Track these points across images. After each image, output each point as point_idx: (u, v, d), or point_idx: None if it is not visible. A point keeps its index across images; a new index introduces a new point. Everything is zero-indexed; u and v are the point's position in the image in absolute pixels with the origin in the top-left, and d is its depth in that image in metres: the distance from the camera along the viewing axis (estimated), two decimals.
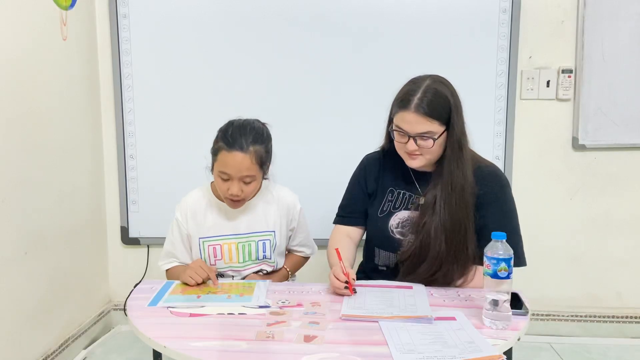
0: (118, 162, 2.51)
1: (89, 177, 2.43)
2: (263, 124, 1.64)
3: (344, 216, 1.72)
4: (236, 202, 1.60)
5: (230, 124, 1.59)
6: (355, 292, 1.43)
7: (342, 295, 1.42)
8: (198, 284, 1.50)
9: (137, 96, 2.46)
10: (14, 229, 1.89)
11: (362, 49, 2.38)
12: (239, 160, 1.52)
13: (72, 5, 2.21)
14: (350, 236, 1.69)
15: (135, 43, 2.42)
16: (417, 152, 1.49)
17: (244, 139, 1.53)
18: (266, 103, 2.34)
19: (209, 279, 1.52)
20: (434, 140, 1.46)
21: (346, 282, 1.42)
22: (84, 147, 2.37)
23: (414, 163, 1.52)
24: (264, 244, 1.68)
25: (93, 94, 2.44)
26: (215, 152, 1.57)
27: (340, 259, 1.47)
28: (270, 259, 1.70)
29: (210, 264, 1.66)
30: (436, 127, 1.46)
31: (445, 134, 1.48)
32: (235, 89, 2.40)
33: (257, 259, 1.68)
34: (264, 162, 1.58)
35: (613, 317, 2.52)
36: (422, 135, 1.46)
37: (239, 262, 1.68)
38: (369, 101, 2.37)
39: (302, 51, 2.39)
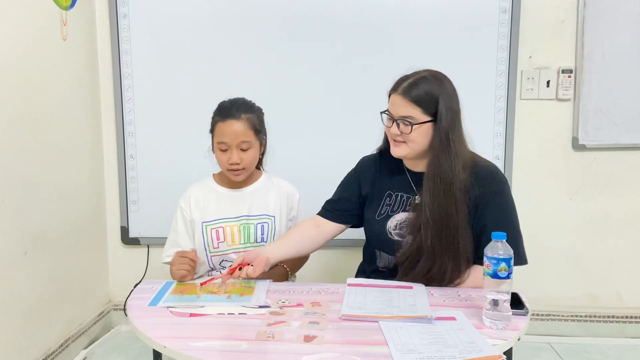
0: (118, 162, 2.51)
1: (89, 177, 2.43)
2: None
3: (327, 210, 1.72)
4: (237, 172, 1.66)
5: (222, 102, 1.72)
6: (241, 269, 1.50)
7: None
8: (189, 276, 1.56)
9: (137, 96, 2.46)
10: (13, 229, 1.89)
11: (362, 49, 2.38)
12: (234, 127, 1.63)
13: (72, 5, 2.21)
14: (320, 227, 1.69)
15: (135, 43, 2.42)
16: (400, 139, 1.52)
17: (236, 108, 1.66)
18: (266, 102, 2.33)
19: (194, 262, 1.57)
20: (412, 125, 1.47)
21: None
22: (84, 147, 2.37)
23: (397, 151, 1.55)
24: (262, 227, 1.72)
25: (93, 94, 2.44)
26: (212, 128, 1.69)
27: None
28: (267, 242, 1.72)
29: (214, 247, 1.71)
30: (418, 114, 1.47)
31: (429, 125, 1.48)
32: (236, 88, 2.36)
33: (256, 241, 1.72)
34: (258, 129, 1.67)
35: (613, 317, 2.52)
36: (404, 119, 1.48)
37: (240, 244, 1.71)
38: (369, 100, 2.36)
39: (302, 50, 2.39)
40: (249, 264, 1.50)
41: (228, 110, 1.65)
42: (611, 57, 2.33)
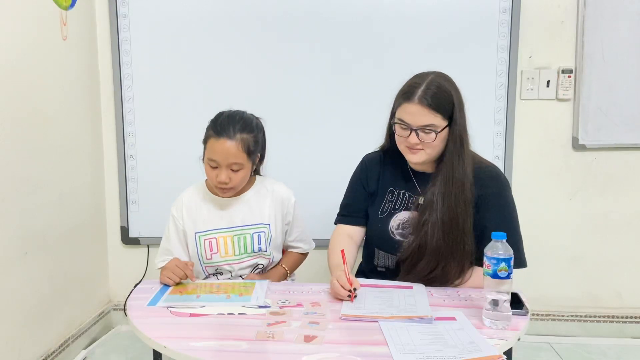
0: (118, 162, 2.51)
1: (89, 177, 2.43)
2: (256, 117, 1.67)
3: (346, 215, 1.71)
4: (225, 190, 1.62)
5: (221, 114, 1.64)
6: (356, 296, 1.42)
7: (342, 300, 1.41)
8: (177, 283, 1.52)
9: (137, 96, 2.46)
10: (14, 229, 1.89)
11: (361, 50, 2.38)
12: (227, 147, 1.55)
13: (72, 5, 2.21)
14: (352, 237, 1.68)
15: (135, 43, 2.43)
16: (419, 147, 1.49)
17: (232, 126, 1.57)
18: (267, 103, 2.34)
19: (187, 277, 1.52)
20: (436, 133, 1.46)
21: (349, 290, 1.40)
22: (84, 147, 2.37)
23: (414, 158, 1.52)
24: (259, 236, 1.69)
25: (93, 94, 2.44)
26: (205, 140, 1.62)
27: (344, 262, 1.46)
28: (266, 251, 1.70)
29: (207, 258, 1.68)
30: (439, 121, 1.46)
31: (447, 129, 1.48)
32: (236, 89, 2.41)
33: (253, 251, 1.69)
34: (252, 151, 1.60)
35: (613, 317, 2.52)
36: (425, 128, 1.46)
37: (234, 255, 1.68)
38: (368, 101, 2.37)
39: (302, 52, 2.39)
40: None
41: (224, 127, 1.57)
42: (611, 57, 2.33)
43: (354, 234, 1.69)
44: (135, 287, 1.54)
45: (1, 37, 1.81)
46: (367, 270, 1.69)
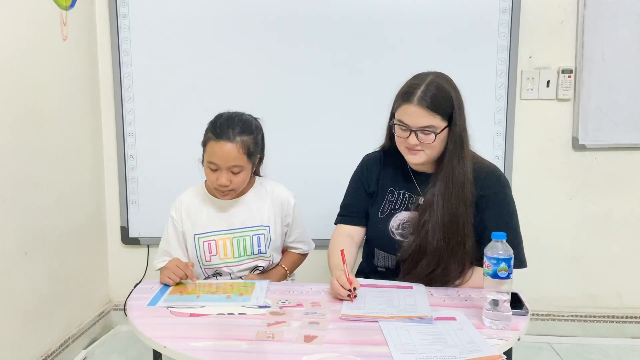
0: (118, 163, 2.51)
1: (89, 177, 2.43)
2: (254, 118, 1.67)
3: (346, 215, 1.71)
4: (225, 193, 1.61)
5: (219, 116, 1.63)
6: (356, 296, 1.42)
7: (342, 300, 1.41)
8: (177, 283, 1.52)
9: (137, 96, 2.46)
10: (14, 229, 1.89)
11: (362, 50, 2.38)
12: (227, 150, 1.54)
13: (72, 5, 2.21)
14: (352, 237, 1.68)
15: (135, 43, 2.43)
16: (418, 147, 1.49)
17: (232, 129, 1.56)
18: (266, 103, 2.34)
19: (187, 277, 1.52)
20: (436, 134, 1.46)
21: (349, 290, 1.40)
22: (84, 147, 2.37)
23: (414, 159, 1.52)
24: (258, 238, 1.68)
25: (93, 94, 2.44)
26: (204, 143, 1.61)
27: (344, 262, 1.46)
28: (266, 253, 1.69)
29: (206, 261, 1.67)
30: (438, 122, 1.46)
31: (447, 130, 1.48)
32: (235, 89, 2.41)
33: (253, 253, 1.68)
34: (252, 152, 1.59)
35: (613, 317, 2.52)
36: (424, 129, 1.46)
37: (233, 257, 1.67)
38: (368, 101, 2.38)
39: (301, 52, 2.39)
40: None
41: (223, 129, 1.56)
42: (611, 57, 2.33)
43: (354, 234, 1.69)
44: (135, 287, 1.54)
45: (1, 37, 1.81)
46: (367, 270, 1.69)
